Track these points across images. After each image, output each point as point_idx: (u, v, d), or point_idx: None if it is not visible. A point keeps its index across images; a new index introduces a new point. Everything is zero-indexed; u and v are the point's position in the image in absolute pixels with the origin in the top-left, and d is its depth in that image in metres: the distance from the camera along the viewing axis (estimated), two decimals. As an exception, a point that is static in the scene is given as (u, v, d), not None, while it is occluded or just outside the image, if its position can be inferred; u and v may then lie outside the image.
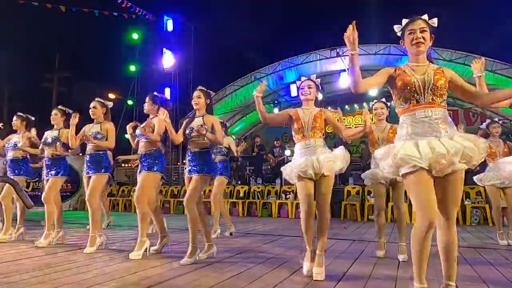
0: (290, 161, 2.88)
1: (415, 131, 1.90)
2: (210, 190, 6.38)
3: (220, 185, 4.91)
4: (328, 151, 2.75)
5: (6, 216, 4.38)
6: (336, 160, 2.69)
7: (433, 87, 1.91)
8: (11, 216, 4.42)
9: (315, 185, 2.73)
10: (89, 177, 3.78)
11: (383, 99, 3.61)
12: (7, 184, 4.30)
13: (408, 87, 1.94)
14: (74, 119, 3.83)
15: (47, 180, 4.07)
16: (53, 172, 4.04)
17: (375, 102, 3.60)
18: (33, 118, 4.66)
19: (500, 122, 4.57)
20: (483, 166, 4.27)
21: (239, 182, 9.95)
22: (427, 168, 1.81)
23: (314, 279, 2.51)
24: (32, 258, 3.28)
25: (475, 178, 4.40)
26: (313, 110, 2.84)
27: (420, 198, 1.80)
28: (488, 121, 4.52)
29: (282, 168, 2.92)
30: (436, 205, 1.80)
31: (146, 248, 3.38)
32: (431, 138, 1.85)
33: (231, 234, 4.94)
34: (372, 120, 3.40)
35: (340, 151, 2.75)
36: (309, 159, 2.67)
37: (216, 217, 4.86)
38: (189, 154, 3.34)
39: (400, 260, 3.20)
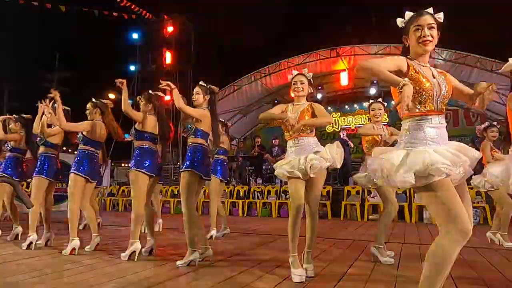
0: None
1: (432, 137, 1.68)
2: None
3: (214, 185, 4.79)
4: (320, 149, 2.65)
5: None
6: (324, 159, 2.58)
7: (446, 94, 1.74)
8: None
9: (307, 183, 2.66)
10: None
11: (380, 99, 3.53)
12: None
13: (424, 91, 1.70)
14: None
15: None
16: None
17: (372, 102, 3.49)
18: (29, 117, 4.59)
19: (495, 123, 4.54)
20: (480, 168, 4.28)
21: (239, 182, 9.96)
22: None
23: (308, 275, 2.53)
24: (32, 258, 3.28)
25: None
26: (301, 106, 2.75)
27: (453, 205, 1.59)
28: (486, 123, 4.51)
29: (274, 166, 2.82)
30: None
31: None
32: (443, 146, 1.68)
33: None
34: (369, 120, 3.35)
35: (331, 147, 2.64)
36: (296, 160, 2.61)
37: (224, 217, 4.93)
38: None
39: (382, 261, 3.08)
